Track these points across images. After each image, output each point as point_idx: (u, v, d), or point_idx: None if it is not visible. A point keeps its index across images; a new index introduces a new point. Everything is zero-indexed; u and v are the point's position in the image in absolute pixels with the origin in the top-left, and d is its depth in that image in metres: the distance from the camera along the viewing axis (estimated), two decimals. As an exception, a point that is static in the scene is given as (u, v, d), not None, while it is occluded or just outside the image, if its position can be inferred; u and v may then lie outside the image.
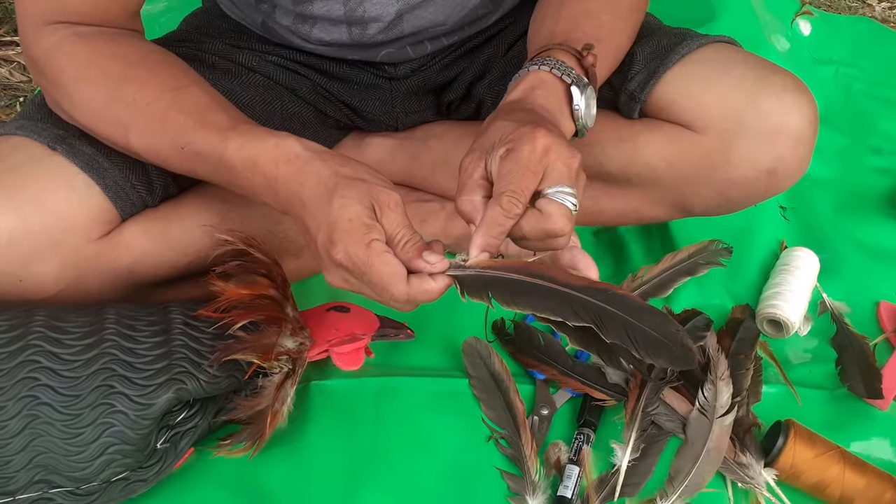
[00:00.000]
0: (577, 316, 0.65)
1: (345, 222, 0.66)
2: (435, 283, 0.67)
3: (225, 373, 0.79)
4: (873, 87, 1.48)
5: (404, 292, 0.66)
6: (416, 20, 0.92)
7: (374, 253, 0.66)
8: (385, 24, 0.91)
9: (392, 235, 0.68)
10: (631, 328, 0.64)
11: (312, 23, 0.91)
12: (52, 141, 0.80)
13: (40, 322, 0.75)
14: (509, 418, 0.90)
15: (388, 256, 0.66)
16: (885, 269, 1.15)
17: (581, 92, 0.77)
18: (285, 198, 0.71)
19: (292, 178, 0.70)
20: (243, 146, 0.72)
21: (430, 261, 0.67)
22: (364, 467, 0.86)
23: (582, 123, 0.78)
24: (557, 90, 0.77)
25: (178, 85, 0.77)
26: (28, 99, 1.38)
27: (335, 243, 0.66)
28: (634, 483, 0.87)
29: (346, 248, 0.66)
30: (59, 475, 0.74)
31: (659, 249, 1.11)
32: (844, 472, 0.86)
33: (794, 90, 0.88)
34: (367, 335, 0.90)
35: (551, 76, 0.77)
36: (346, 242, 0.66)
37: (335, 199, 0.67)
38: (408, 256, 0.67)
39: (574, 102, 0.77)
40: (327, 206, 0.67)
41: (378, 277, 0.66)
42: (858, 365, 0.99)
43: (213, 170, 0.75)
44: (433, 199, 1.07)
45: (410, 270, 0.67)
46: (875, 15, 1.70)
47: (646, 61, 0.90)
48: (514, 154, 0.67)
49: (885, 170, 1.31)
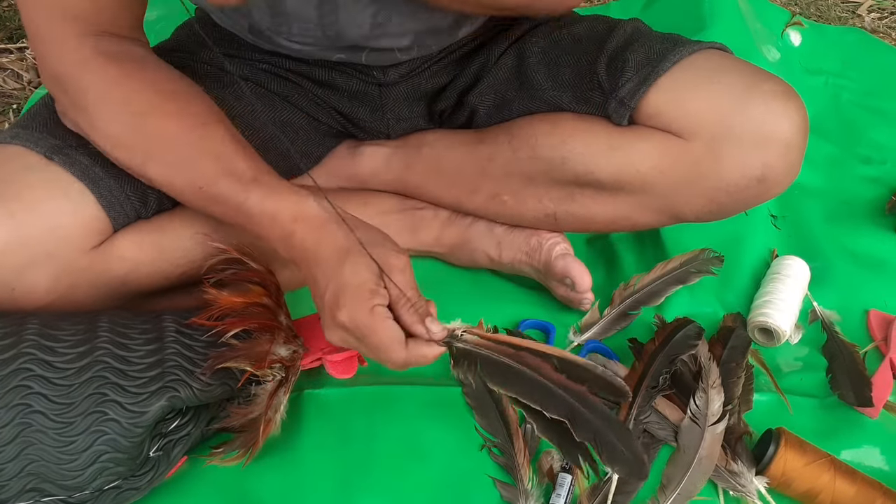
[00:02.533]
0: (556, 409, 0.72)
1: (353, 288, 0.71)
2: (430, 350, 0.74)
3: (218, 381, 0.79)
4: (863, 96, 1.49)
5: (402, 357, 0.73)
6: (394, 27, 0.91)
7: (378, 318, 0.71)
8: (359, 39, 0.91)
9: (398, 298, 0.73)
10: (598, 433, 0.71)
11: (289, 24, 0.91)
12: (49, 151, 0.81)
13: (33, 330, 0.75)
14: (502, 427, 0.91)
15: (389, 322, 0.72)
16: (875, 277, 1.15)
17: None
18: (300, 252, 0.76)
19: (308, 236, 0.76)
20: (264, 200, 0.77)
21: (432, 329, 0.74)
22: (357, 475, 0.86)
23: None
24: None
25: (203, 122, 0.80)
26: (21, 107, 1.38)
27: (341, 307, 0.71)
28: (626, 491, 0.87)
29: (351, 313, 0.71)
30: (52, 483, 0.73)
31: (651, 258, 1.12)
32: (835, 479, 0.86)
33: (783, 97, 0.88)
34: (361, 343, 0.90)
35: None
36: (350, 308, 0.71)
37: (347, 264, 0.73)
38: (411, 320, 0.73)
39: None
40: (339, 269, 0.73)
41: (378, 343, 0.72)
42: (849, 373, 0.99)
43: (228, 213, 0.79)
44: (426, 206, 1.07)
45: (409, 334, 0.74)
46: (865, 25, 1.71)
47: (637, 68, 0.90)
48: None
49: (875, 179, 1.32)
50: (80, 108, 0.79)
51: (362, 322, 0.71)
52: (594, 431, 0.71)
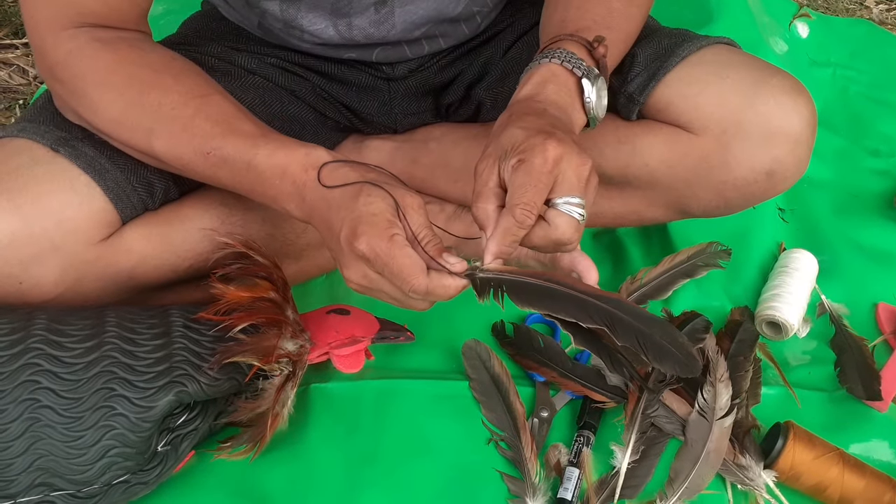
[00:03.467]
0: (591, 319, 0.68)
1: (369, 216, 0.68)
2: (453, 281, 0.70)
3: (225, 375, 0.79)
4: (871, 89, 1.48)
5: (424, 284, 0.68)
6: (407, 15, 0.92)
7: (397, 245, 0.68)
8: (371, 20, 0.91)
9: (413, 235, 0.70)
10: (641, 334, 0.68)
11: (301, 23, 0.91)
12: (55, 143, 0.80)
13: (41, 325, 0.75)
14: (509, 420, 0.91)
15: (409, 249, 0.69)
16: (883, 270, 1.15)
17: (592, 84, 0.78)
18: (311, 202, 0.73)
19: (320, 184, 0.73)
20: (273, 153, 0.75)
21: (450, 261, 0.70)
22: (364, 469, 0.87)
23: (593, 115, 0.79)
24: (569, 83, 0.78)
25: (204, 93, 0.79)
26: (27, 102, 1.38)
27: (359, 235, 0.68)
28: (634, 485, 0.87)
29: (369, 240, 0.68)
30: (60, 478, 0.74)
31: (658, 252, 1.12)
32: (844, 473, 0.86)
33: (792, 92, 0.88)
34: (368, 337, 0.90)
35: (562, 69, 0.78)
36: (369, 235, 0.68)
37: (361, 197, 0.70)
38: (430, 255, 0.70)
39: (585, 95, 0.78)
40: (353, 204, 0.70)
41: (399, 268, 0.68)
42: (857, 367, 0.99)
43: (238, 176, 0.76)
44: (433, 200, 1.07)
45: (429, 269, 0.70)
46: (872, 17, 1.71)
47: (646, 63, 0.90)
48: (526, 166, 0.68)
49: (884, 171, 1.32)
50: (80, 95, 0.78)
51: (382, 249, 0.67)
52: (636, 333, 0.68)
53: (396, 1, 0.90)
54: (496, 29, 1.02)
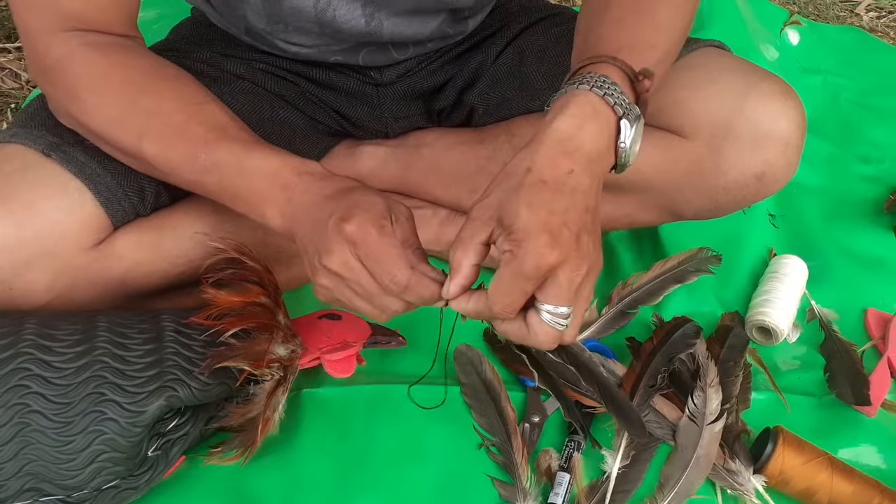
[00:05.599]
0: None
1: (365, 203, 0.69)
2: (434, 284, 0.69)
3: (216, 380, 0.79)
4: (861, 95, 1.49)
5: (407, 275, 0.67)
6: (394, 27, 0.92)
7: (386, 233, 0.67)
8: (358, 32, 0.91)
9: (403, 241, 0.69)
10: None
11: (285, 28, 0.91)
12: (47, 148, 0.80)
13: (31, 330, 0.75)
14: (500, 425, 0.91)
15: (397, 241, 0.68)
16: (872, 276, 1.16)
17: (631, 125, 0.68)
18: (297, 203, 0.73)
19: (314, 184, 0.73)
20: (269, 157, 0.75)
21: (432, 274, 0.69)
22: (355, 475, 0.86)
23: (624, 160, 0.70)
24: (610, 123, 0.68)
25: (200, 101, 0.79)
26: (19, 105, 1.38)
27: (351, 217, 0.67)
28: (625, 490, 0.87)
29: (361, 222, 0.67)
30: (50, 483, 0.73)
31: (649, 257, 1.12)
32: (832, 478, 0.86)
33: (781, 95, 0.88)
34: (359, 343, 0.90)
35: (604, 105, 0.68)
36: (361, 218, 0.67)
37: (358, 190, 0.71)
38: (415, 259, 0.69)
39: (621, 139, 0.69)
40: (349, 194, 0.70)
41: (385, 255, 0.67)
42: (846, 372, 0.99)
43: (225, 180, 0.75)
44: (425, 206, 1.07)
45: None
46: (863, 24, 1.72)
47: None
48: (517, 265, 0.62)
49: (873, 178, 1.33)
50: (73, 97, 0.78)
51: (371, 233, 0.66)
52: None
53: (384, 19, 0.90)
54: (484, 33, 1.02)
